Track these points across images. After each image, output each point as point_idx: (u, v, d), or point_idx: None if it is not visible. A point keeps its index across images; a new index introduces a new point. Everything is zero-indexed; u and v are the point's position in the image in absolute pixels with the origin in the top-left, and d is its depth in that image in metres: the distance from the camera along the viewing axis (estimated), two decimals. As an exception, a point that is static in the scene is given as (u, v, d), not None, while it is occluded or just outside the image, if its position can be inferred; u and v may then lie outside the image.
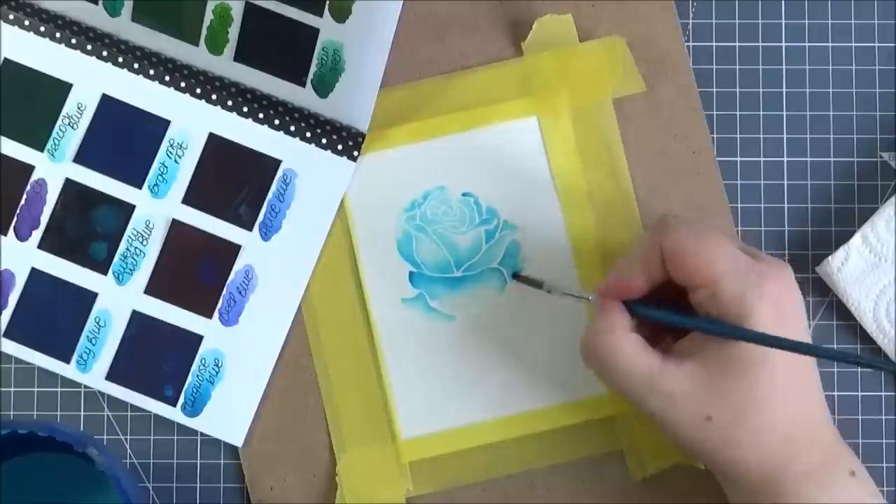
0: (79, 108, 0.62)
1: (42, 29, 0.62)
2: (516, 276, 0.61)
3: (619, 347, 0.53)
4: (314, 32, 0.60)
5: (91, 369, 0.61)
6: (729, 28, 0.63)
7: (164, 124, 0.62)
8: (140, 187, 0.62)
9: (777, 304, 0.52)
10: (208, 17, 0.61)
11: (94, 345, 0.61)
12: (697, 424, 0.52)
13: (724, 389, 0.52)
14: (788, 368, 0.52)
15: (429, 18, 0.63)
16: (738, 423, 0.52)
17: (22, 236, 0.62)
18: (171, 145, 0.62)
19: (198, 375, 0.61)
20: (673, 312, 0.54)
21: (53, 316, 0.61)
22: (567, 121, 0.62)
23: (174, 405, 0.61)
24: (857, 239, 0.60)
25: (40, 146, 0.62)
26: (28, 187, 0.62)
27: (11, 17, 0.62)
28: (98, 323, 0.61)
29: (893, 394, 0.61)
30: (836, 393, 0.61)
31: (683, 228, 0.54)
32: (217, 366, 0.61)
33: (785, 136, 0.62)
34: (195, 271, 0.62)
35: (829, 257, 0.60)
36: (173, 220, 0.62)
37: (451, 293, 0.61)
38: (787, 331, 0.51)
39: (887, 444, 0.61)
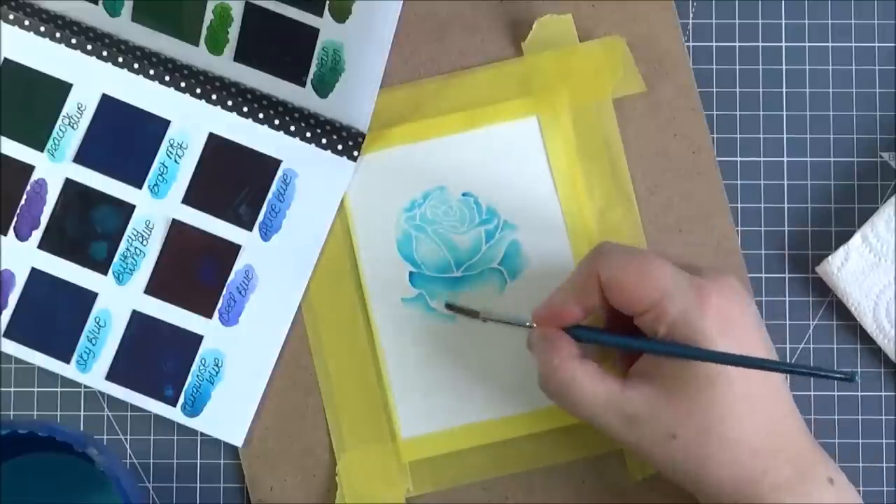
0: (79, 108, 0.62)
1: (42, 29, 0.62)
2: (449, 305, 0.60)
3: (576, 377, 0.53)
4: (314, 32, 0.60)
5: (91, 369, 0.61)
6: (729, 28, 0.63)
7: (164, 124, 0.62)
8: (140, 187, 0.62)
9: (722, 317, 0.52)
10: (208, 17, 0.61)
11: (94, 345, 0.61)
12: (664, 444, 0.52)
13: (685, 407, 0.51)
14: (747, 380, 0.51)
15: (429, 18, 0.63)
16: (704, 440, 0.51)
17: (22, 236, 0.62)
18: (171, 145, 0.62)
19: (198, 375, 0.61)
20: (619, 336, 0.54)
21: (53, 316, 0.61)
22: (567, 121, 0.62)
23: (174, 405, 0.61)
24: (857, 239, 0.60)
25: (40, 146, 0.62)
26: (28, 187, 0.62)
27: (11, 17, 0.62)
28: (98, 323, 0.61)
29: (893, 394, 0.61)
30: (835, 393, 0.61)
31: (619, 255, 0.54)
32: (217, 366, 0.61)
33: (785, 136, 0.62)
34: (195, 271, 0.62)
35: (829, 257, 0.60)
36: (173, 220, 0.62)
37: (451, 293, 0.61)
38: (736, 342, 0.51)
39: (887, 444, 0.61)
